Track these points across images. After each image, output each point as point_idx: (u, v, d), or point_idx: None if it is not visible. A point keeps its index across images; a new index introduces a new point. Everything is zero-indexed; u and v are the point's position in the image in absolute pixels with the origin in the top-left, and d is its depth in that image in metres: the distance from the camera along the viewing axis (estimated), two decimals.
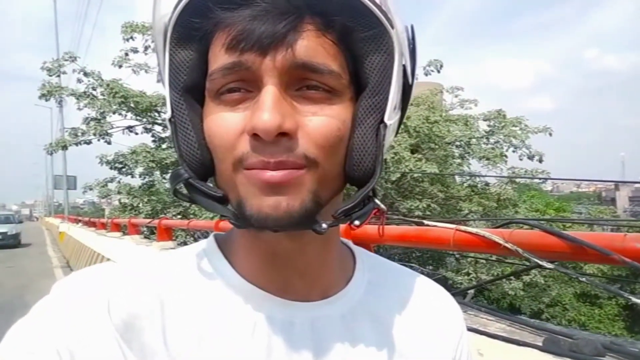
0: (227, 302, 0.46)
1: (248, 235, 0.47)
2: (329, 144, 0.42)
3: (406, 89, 0.47)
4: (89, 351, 0.40)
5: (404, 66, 0.46)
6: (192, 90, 0.44)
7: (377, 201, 0.46)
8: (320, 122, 0.41)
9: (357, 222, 0.44)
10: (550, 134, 11.20)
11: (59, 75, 11.72)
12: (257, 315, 0.46)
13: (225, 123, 0.41)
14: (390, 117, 0.44)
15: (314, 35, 0.40)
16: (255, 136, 0.39)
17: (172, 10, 0.42)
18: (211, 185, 0.45)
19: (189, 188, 0.44)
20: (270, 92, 0.39)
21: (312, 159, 0.41)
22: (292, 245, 0.46)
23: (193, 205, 9.94)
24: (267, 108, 0.38)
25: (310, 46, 0.40)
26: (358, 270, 0.54)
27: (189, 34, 0.43)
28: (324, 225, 0.42)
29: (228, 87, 0.42)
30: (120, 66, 11.21)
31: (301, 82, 0.41)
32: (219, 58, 0.41)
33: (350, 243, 0.57)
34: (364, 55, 0.43)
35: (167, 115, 0.45)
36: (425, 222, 1.82)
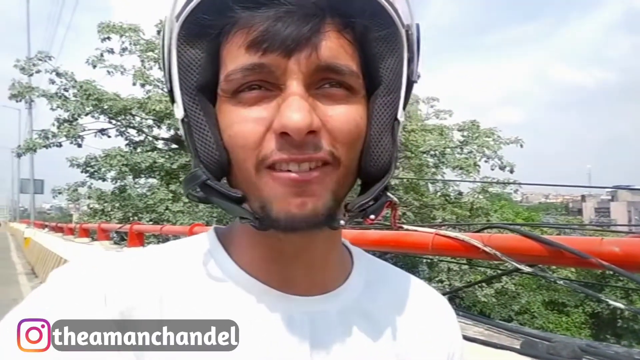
0: (227, 294, 0.46)
1: (252, 231, 0.45)
2: (350, 140, 0.42)
3: (409, 85, 0.48)
4: None
5: (410, 63, 0.46)
6: (204, 89, 0.44)
7: (389, 194, 0.46)
8: (341, 119, 0.42)
9: (372, 216, 0.44)
10: (522, 146, 11.50)
11: (31, 75, 11.41)
12: (257, 308, 0.46)
13: (249, 123, 0.41)
14: (402, 114, 0.45)
15: (334, 36, 0.41)
16: (283, 135, 0.39)
17: (184, 5, 0.41)
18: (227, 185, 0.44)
19: (205, 189, 0.43)
20: (297, 92, 0.40)
21: (336, 156, 0.42)
22: (301, 241, 0.46)
23: (167, 211, 9.86)
24: (297, 108, 0.39)
25: (333, 47, 0.41)
26: (356, 268, 0.54)
27: (200, 31, 0.42)
28: (342, 222, 0.43)
29: (247, 86, 0.41)
30: (94, 66, 10.98)
31: (322, 81, 0.42)
32: (238, 58, 0.41)
33: (347, 242, 0.58)
34: (379, 54, 0.44)
35: (180, 115, 0.44)
36: (405, 226, 1.82)
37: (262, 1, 0.39)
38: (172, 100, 0.45)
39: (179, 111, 0.44)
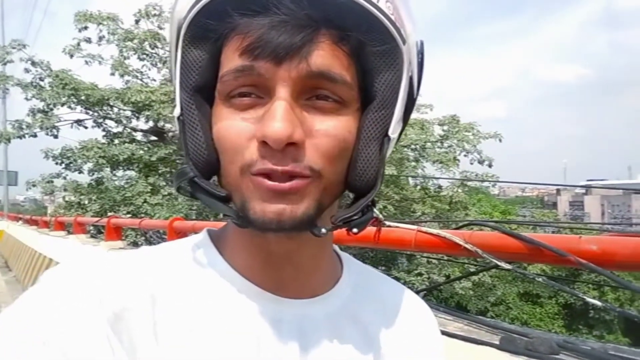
0: (219, 295, 0.47)
1: (244, 232, 0.46)
2: (334, 155, 0.43)
3: (410, 101, 0.48)
4: (78, 343, 0.39)
5: (411, 80, 0.47)
6: (202, 90, 0.45)
7: (375, 211, 0.47)
8: (328, 134, 0.42)
9: (355, 230, 0.45)
10: (500, 140, 11.65)
11: (4, 64, 11.06)
12: (248, 310, 0.47)
13: (235, 128, 0.42)
14: (394, 131, 0.45)
15: (328, 47, 0.41)
16: (264, 143, 0.40)
17: (189, 9, 0.43)
18: (215, 183, 0.46)
19: (192, 186, 0.45)
20: (282, 101, 0.40)
21: (316, 170, 0.42)
22: (289, 244, 0.47)
23: (145, 204, 9.71)
24: (279, 117, 0.39)
25: (326, 56, 0.41)
26: (345, 273, 0.55)
27: (204, 34, 0.43)
28: (323, 230, 0.43)
29: (239, 91, 0.42)
30: (71, 56, 10.70)
31: (312, 92, 0.42)
32: (233, 61, 0.42)
33: (336, 247, 0.58)
34: (375, 70, 0.44)
35: (176, 113, 0.46)
36: (387, 222, 1.83)
37: (258, 9, 0.40)
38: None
39: (176, 109, 0.46)
